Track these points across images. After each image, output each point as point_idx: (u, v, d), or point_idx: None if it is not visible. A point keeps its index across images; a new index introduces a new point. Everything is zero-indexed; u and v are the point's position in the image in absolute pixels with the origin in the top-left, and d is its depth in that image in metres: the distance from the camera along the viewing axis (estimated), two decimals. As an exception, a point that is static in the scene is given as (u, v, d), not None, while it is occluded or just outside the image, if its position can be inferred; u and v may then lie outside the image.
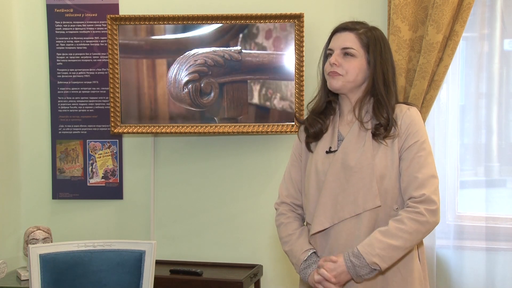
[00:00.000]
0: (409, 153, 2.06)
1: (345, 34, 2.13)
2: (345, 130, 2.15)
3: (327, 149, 2.14)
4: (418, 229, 1.99)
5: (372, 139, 2.08)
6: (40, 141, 3.59)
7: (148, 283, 2.55)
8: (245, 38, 3.22)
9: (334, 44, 2.14)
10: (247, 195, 3.43)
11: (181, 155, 3.49)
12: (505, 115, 3.10)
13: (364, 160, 2.05)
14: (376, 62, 2.11)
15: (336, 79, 2.12)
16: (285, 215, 2.24)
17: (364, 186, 2.04)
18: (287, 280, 3.38)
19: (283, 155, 3.36)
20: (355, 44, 2.11)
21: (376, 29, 2.18)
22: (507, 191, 3.15)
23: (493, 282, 3.04)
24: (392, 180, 2.06)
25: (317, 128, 2.18)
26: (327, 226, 2.08)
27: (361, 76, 2.13)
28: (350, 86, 2.13)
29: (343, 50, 2.11)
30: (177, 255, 3.48)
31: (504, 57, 3.08)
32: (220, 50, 3.23)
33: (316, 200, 2.11)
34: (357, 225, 2.05)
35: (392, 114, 2.09)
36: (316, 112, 2.20)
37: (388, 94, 2.11)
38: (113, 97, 3.29)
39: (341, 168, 2.08)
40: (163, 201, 3.52)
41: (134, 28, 3.27)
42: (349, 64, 2.11)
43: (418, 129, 2.08)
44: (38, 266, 2.48)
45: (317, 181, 2.12)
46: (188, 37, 3.26)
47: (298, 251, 2.15)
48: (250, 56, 3.22)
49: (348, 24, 2.15)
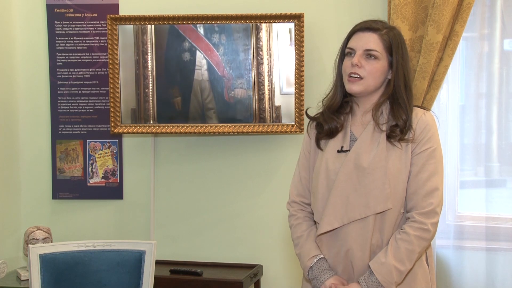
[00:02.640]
0: (419, 159, 2.05)
1: (368, 34, 2.08)
2: (358, 130, 2.13)
3: (339, 148, 2.11)
4: (424, 245, 2.04)
5: (386, 141, 2.06)
6: (40, 141, 3.59)
7: (148, 283, 2.54)
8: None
9: (356, 44, 2.09)
10: (247, 195, 3.43)
11: (181, 155, 3.49)
12: (505, 115, 3.10)
13: (377, 162, 2.04)
14: (398, 65, 2.08)
15: (357, 84, 2.08)
16: (294, 216, 2.23)
17: (377, 188, 2.03)
18: (287, 280, 3.38)
19: (283, 155, 3.37)
20: (379, 46, 2.07)
21: (395, 28, 2.14)
22: (507, 191, 3.15)
23: (493, 282, 3.04)
24: (403, 183, 2.05)
25: (332, 125, 2.14)
26: (336, 226, 2.07)
27: (382, 78, 2.10)
28: (371, 90, 2.10)
29: (366, 51, 2.07)
30: (177, 255, 3.48)
31: (504, 57, 3.07)
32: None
33: (326, 199, 2.10)
34: (366, 227, 2.04)
35: (411, 117, 2.07)
36: (332, 109, 2.16)
37: (409, 96, 2.09)
38: (113, 97, 3.29)
39: (354, 169, 2.06)
40: (163, 201, 3.51)
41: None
42: (372, 66, 2.07)
43: (431, 136, 2.07)
44: (38, 266, 2.48)
45: (327, 180, 2.10)
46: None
47: (305, 256, 2.14)
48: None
49: (371, 23, 2.10)
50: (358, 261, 2.06)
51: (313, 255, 2.12)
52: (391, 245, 2.02)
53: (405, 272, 2.02)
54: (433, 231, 2.03)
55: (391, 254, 2.00)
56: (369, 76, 2.07)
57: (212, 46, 3.24)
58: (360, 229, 2.05)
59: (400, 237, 2.02)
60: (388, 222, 2.04)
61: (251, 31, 3.22)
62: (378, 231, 2.05)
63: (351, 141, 2.12)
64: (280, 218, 3.28)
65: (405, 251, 2.00)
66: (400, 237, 2.01)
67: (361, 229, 2.05)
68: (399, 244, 2.00)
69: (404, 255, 2.00)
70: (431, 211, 2.01)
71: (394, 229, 2.06)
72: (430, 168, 2.05)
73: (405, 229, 2.02)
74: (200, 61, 3.25)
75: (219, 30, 3.23)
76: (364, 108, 2.14)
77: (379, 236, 2.05)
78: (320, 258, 2.12)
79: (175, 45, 3.26)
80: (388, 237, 2.05)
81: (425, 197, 2.02)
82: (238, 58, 3.23)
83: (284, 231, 3.32)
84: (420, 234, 2.00)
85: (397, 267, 1.99)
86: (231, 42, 3.23)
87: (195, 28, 3.24)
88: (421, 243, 2.02)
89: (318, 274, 2.10)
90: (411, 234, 2.00)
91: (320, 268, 2.10)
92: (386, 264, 1.99)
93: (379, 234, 2.05)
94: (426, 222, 2.01)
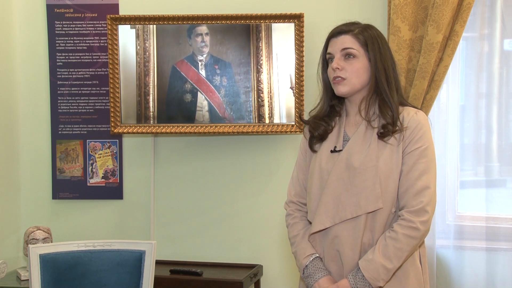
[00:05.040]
0: (410, 158, 2.06)
1: (342, 37, 2.12)
2: (352, 130, 2.15)
3: (332, 148, 2.14)
4: (413, 243, 2.03)
5: (377, 140, 2.08)
6: (40, 141, 3.59)
7: (148, 283, 2.54)
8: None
9: (333, 48, 2.13)
10: (247, 195, 3.43)
11: (181, 155, 3.49)
12: (505, 115, 3.10)
13: (368, 162, 2.05)
14: (376, 59, 2.10)
15: (342, 84, 2.11)
16: (291, 215, 2.25)
17: (367, 187, 2.04)
18: (287, 280, 3.38)
19: (283, 155, 3.37)
20: (354, 44, 2.10)
21: (371, 26, 2.17)
22: (507, 191, 3.15)
23: (493, 282, 3.04)
24: (394, 183, 2.06)
25: (321, 130, 2.18)
26: (328, 225, 2.09)
27: (366, 75, 2.12)
28: (357, 88, 2.12)
29: (343, 51, 2.11)
30: (177, 255, 3.48)
31: (504, 57, 3.07)
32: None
33: (318, 198, 2.12)
34: (357, 226, 2.05)
35: (397, 110, 2.09)
36: (319, 117, 2.20)
37: (391, 90, 2.11)
38: (113, 97, 3.29)
39: (345, 168, 2.08)
40: (163, 201, 3.51)
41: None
42: (352, 65, 2.10)
43: (422, 135, 2.07)
44: (38, 266, 2.48)
45: (320, 180, 2.12)
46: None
47: (300, 254, 2.16)
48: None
49: (342, 27, 2.15)
50: (349, 260, 2.07)
51: (309, 253, 2.14)
52: (380, 243, 2.03)
53: (392, 270, 2.02)
54: (423, 229, 2.02)
55: (379, 252, 2.01)
56: (351, 75, 2.10)
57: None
58: (351, 228, 2.06)
59: (389, 235, 2.03)
60: (379, 221, 2.05)
61: (251, 31, 3.22)
62: (369, 230, 2.06)
63: (344, 141, 2.14)
64: (280, 218, 3.28)
65: (393, 249, 2.00)
66: (389, 235, 2.03)
67: (352, 229, 2.06)
68: (387, 242, 2.02)
69: (392, 253, 2.00)
70: (420, 209, 2.01)
71: (385, 229, 2.07)
72: (421, 166, 2.05)
73: (394, 228, 2.03)
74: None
75: (220, 73, 3.25)
76: (356, 108, 2.17)
77: (370, 235, 2.06)
78: (316, 257, 2.14)
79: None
80: (379, 237, 2.06)
81: (415, 196, 2.03)
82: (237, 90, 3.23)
83: (284, 231, 3.31)
84: (409, 232, 2.01)
85: (384, 265, 2.00)
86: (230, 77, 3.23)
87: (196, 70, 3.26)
88: (409, 242, 2.01)
89: (312, 272, 2.12)
90: (399, 232, 2.01)
91: (314, 267, 2.12)
92: (373, 262, 2.01)
93: (370, 233, 2.06)
94: (414, 220, 2.01)
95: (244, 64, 3.23)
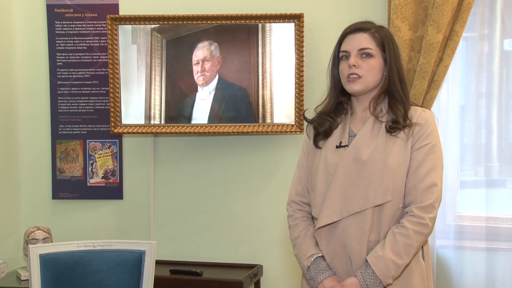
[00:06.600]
0: (419, 154, 2.07)
1: (360, 35, 2.13)
2: (357, 127, 2.16)
3: (337, 143, 2.14)
4: (421, 240, 2.04)
5: (386, 134, 2.09)
6: (40, 141, 3.59)
7: (148, 283, 2.55)
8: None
9: (350, 46, 2.14)
10: (247, 195, 3.43)
11: (181, 155, 3.49)
12: (505, 115, 3.10)
13: (377, 155, 2.05)
14: (391, 60, 2.13)
15: (357, 83, 2.12)
16: (292, 216, 2.25)
17: (376, 180, 2.04)
18: (287, 280, 3.38)
19: (283, 155, 3.37)
20: (372, 44, 2.12)
21: (383, 27, 2.19)
22: (507, 191, 3.15)
23: (493, 282, 3.04)
24: (402, 177, 2.06)
25: (326, 126, 2.18)
26: (336, 219, 2.08)
27: (379, 75, 2.14)
28: (371, 87, 2.14)
29: (360, 51, 2.11)
30: (177, 255, 3.48)
31: (504, 57, 3.07)
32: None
33: (324, 193, 2.11)
34: (364, 221, 2.05)
35: (409, 108, 2.11)
36: (325, 113, 2.20)
37: (405, 90, 2.13)
38: (113, 97, 3.29)
39: (353, 162, 2.07)
40: (163, 201, 3.51)
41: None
42: (368, 64, 2.11)
43: (430, 132, 2.09)
44: (38, 266, 2.48)
45: (326, 174, 2.12)
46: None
47: (302, 256, 2.16)
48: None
49: (361, 24, 2.15)
50: (356, 255, 2.06)
51: (310, 254, 2.14)
52: (388, 238, 2.02)
53: (402, 266, 2.02)
54: (431, 226, 2.03)
55: (389, 248, 2.00)
56: (367, 74, 2.11)
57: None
58: (358, 223, 2.05)
59: (398, 231, 2.02)
60: (386, 216, 2.05)
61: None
62: (376, 225, 2.05)
63: (350, 137, 2.15)
64: (280, 218, 3.28)
65: (403, 245, 2.00)
66: (398, 231, 2.02)
67: (359, 223, 2.05)
68: (397, 238, 2.01)
69: (402, 249, 2.00)
70: (429, 206, 2.02)
71: (391, 224, 2.06)
72: (430, 163, 2.06)
73: (403, 223, 2.03)
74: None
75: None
76: (364, 106, 2.17)
77: (376, 230, 2.06)
78: (317, 257, 2.13)
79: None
80: (386, 232, 2.06)
81: (424, 192, 2.03)
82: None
83: (284, 231, 3.32)
84: (419, 228, 2.01)
85: (395, 261, 2.00)
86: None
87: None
88: (419, 238, 2.02)
89: (314, 274, 2.11)
90: (409, 228, 2.01)
91: (317, 268, 2.11)
92: (383, 258, 2.00)
93: (377, 228, 2.06)
94: (424, 216, 2.01)
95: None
